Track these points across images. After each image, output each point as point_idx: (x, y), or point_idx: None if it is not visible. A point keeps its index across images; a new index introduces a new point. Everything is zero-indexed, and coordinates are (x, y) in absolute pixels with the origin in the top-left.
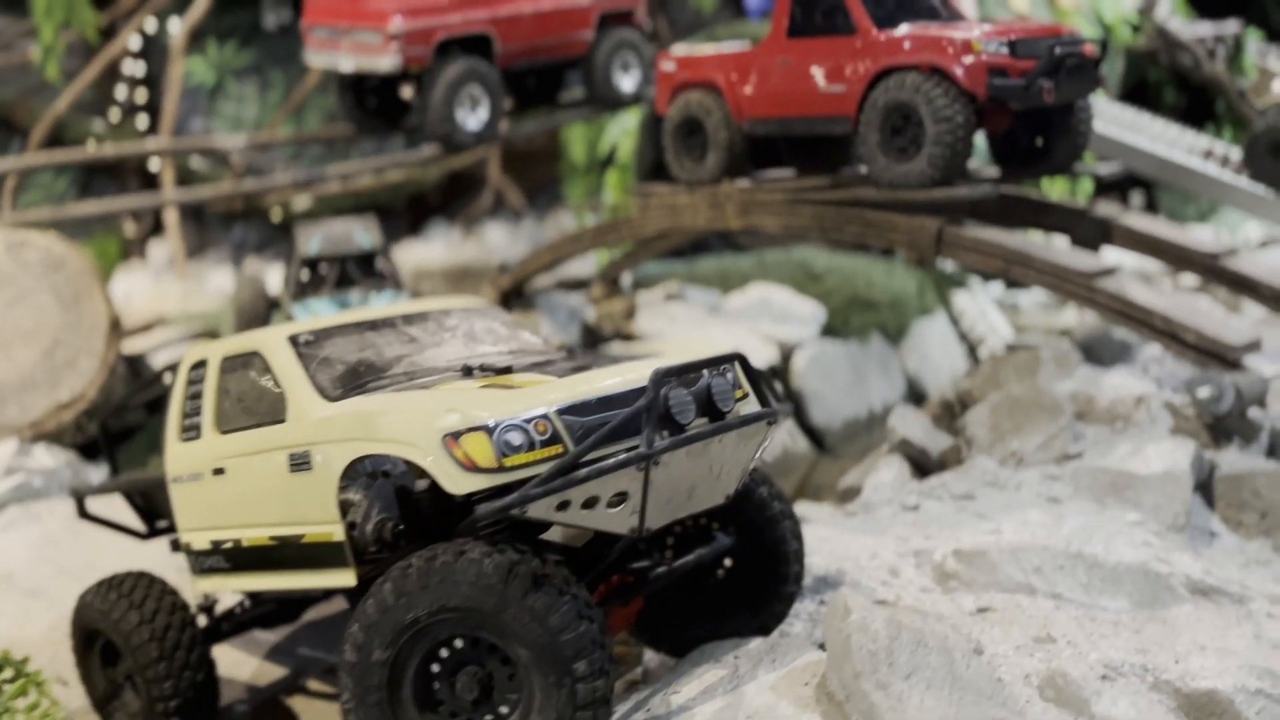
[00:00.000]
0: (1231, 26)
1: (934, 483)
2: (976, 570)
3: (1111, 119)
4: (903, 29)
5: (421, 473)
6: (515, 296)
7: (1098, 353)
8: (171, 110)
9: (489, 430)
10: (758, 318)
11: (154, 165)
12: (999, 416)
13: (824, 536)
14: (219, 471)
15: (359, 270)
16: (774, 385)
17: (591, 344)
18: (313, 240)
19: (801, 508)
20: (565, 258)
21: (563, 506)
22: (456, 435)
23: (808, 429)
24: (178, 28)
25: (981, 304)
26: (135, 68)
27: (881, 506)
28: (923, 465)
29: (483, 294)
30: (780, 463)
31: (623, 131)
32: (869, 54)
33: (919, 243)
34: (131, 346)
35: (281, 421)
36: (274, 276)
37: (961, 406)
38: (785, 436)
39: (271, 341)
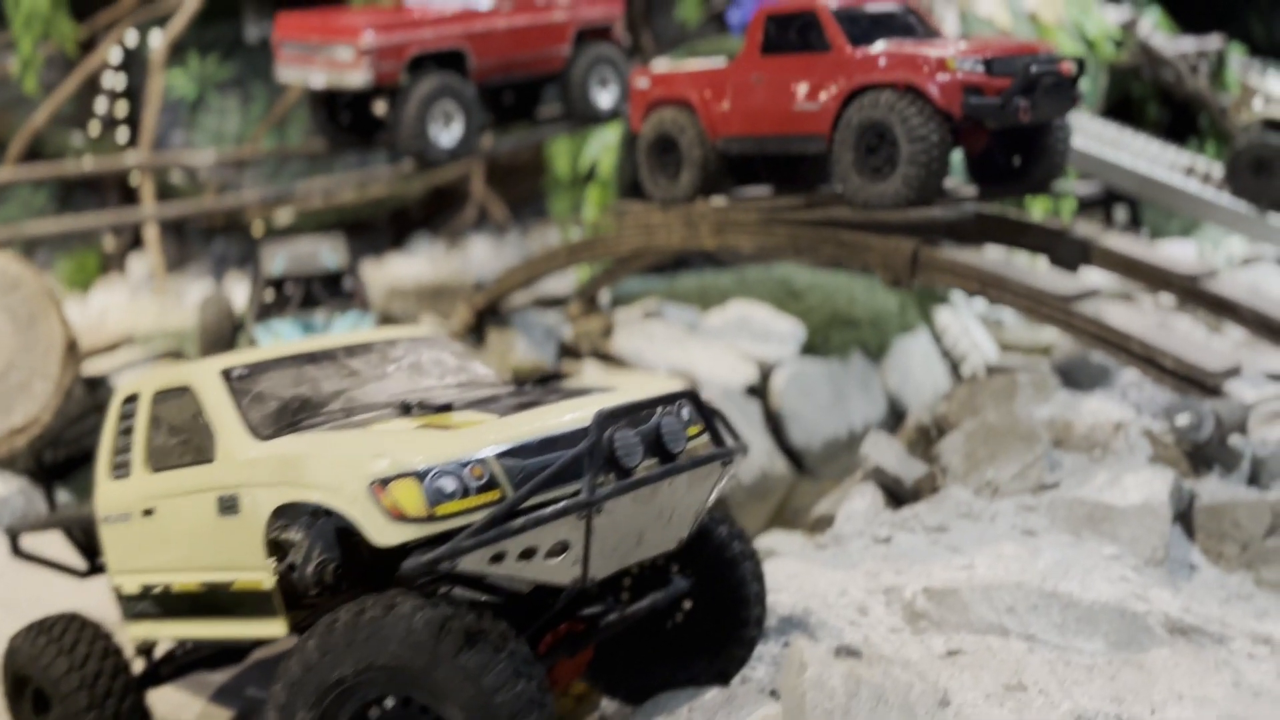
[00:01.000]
0: (1214, 42)
1: (907, 514)
2: (947, 610)
3: (1094, 135)
4: (877, 46)
5: None
6: (491, 315)
7: (1076, 376)
8: (151, 124)
9: (419, 476)
10: (737, 336)
11: (134, 179)
12: (974, 444)
13: (793, 572)
14: (149, 512)
15: (325, 291)
16: (730, 423)
17: (571, 357)
18: (277, 260)
19: (771, 539)
20: (540, 276)
21: (497, 559)
22: (384, 482)
23: (786, 449)
24: (159, 41)
25: (964, 320)
26: (116, 81)
27: (853, 539)
28: (896, 494)
29: (458, 312)
30: (758, 485)
31: (603, 147)
32: (843, 72)
33: (894, 264)
34: (95, 367)
35: (210, 461)
36: (242, 295)
37: (938, 430)
38: (763, 458)
39: (203, 376)
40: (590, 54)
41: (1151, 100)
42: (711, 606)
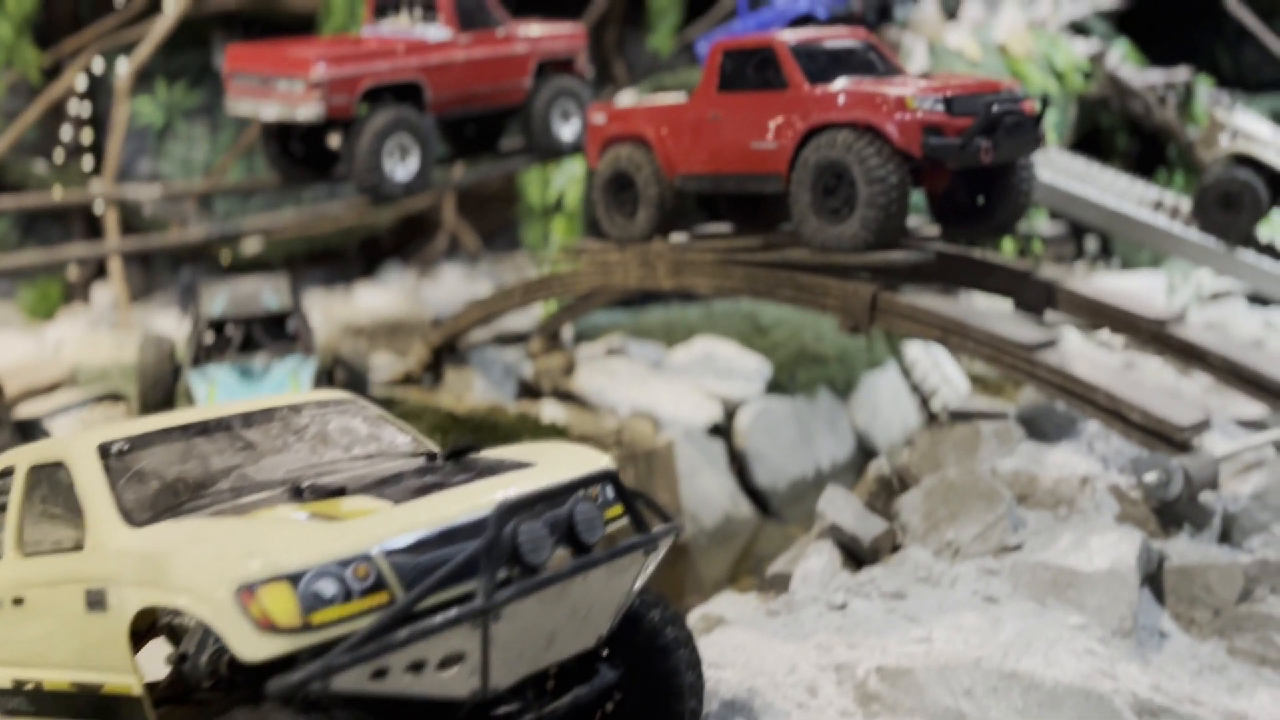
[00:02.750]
0: (1182, 74)
1: (864, 578)
2: (902, 692)
3: (1061, 169)
4: (836, 84)
5: None
6: (449, 352)
7: (1041, 425)
8: (115, 152)
9: (293, 579)
10: (701, 373)
11: (98, 208)
12: (934, 503)
13: (741, 644)
14: (19, 601)
15: (267, 334)
16: (655, 503)
17: (531, 398)
18: (217, 300)
19: (723, 603)
20: (497, 314)
21: (380, 675)
22: (253, 587)
23: (751, 491)
24: (125, 68)
25: (934, 354)
26: (81, 108)
27: (807, 605)
28: (854, 552)
29: (414, 350)
30: (721, 529)
31: (570, 179)
32: (800, 110)
33: (853, 309)
34: (30, 410)
35: (81, 549)
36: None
37: (900, 481)
38: (726, 501)
39: (77, 451)
40: (552, 86)
41: (1121, 131)
42: (643, 700)
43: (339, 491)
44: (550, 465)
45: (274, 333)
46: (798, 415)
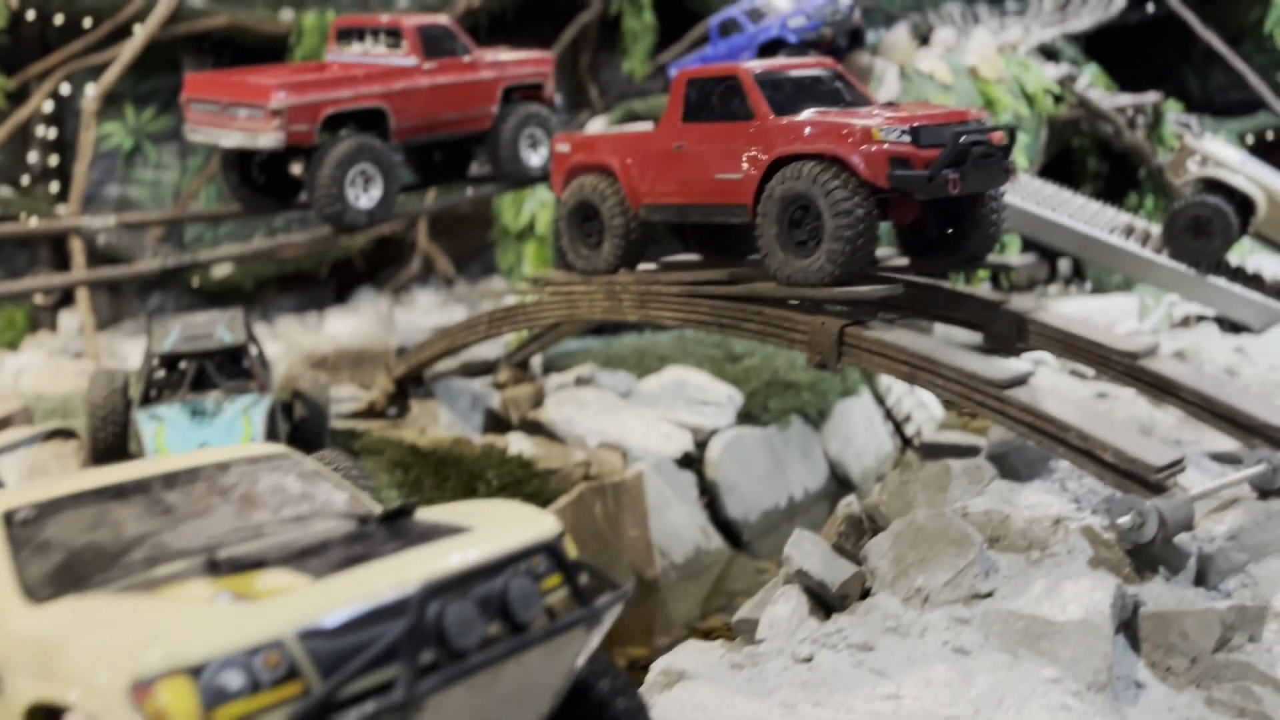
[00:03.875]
0: (1151, 97)
1: (830, 628)
2: None
3: (1032, 195)
4: (802, 115)
5: None
6: (415, 383)
7: (1012, 464)
8: (81, 177)
9: (194, 672)
10: (672, 403)
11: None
12: (903, 548)
13: (701, 702)
14: None
15: (221, 371)
16: (599, 570)
17: (498, 429)
18: (168, 336)
19: (686, 654)
20: (461, 347)
21: None
22: (148, 683)
23: (722, 524)
24: (93, 92)
25: None
26: (48, 132)
27: (772, 657)
28: (822, 598)
29: (378, 382)
30: (691, 563)
31: (540, 203)
32: (764, 141)
33: (820, 344)
34: None
35: None
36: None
37: (870, 521)
38: (697, 534)
39: None
40: (519, 113)
41: (1092, 153)
42: None
43: (258, 564)
44: (488, 531)
45: (229, 369)
46: (770, 444)
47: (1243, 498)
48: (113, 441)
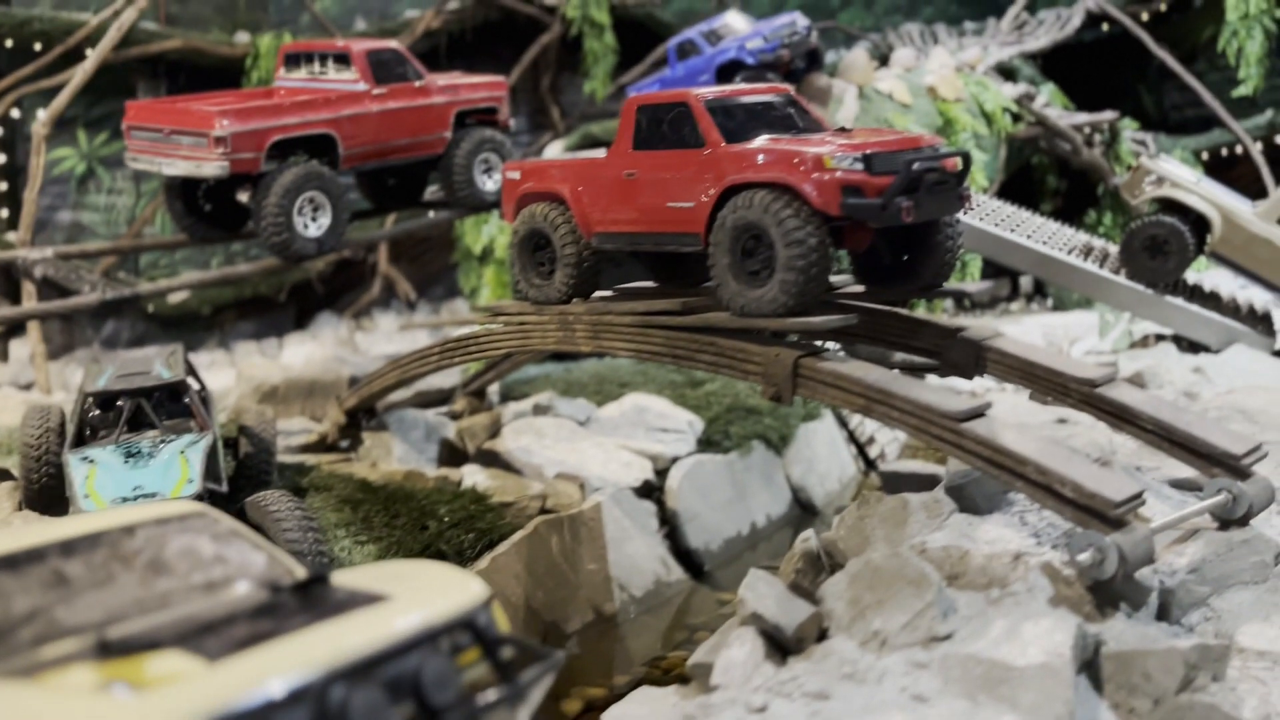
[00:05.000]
0: (1107, 116)
1: (785, 675)
2: None
3: (991, 215)
4: (754, 142)
5: None
6: (367, 415)
7: (971, 497)
8: (31, 203)
9: None
10: (632, 430)
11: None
12: (859, 589)
13: None
14: None
15: (159, 409)
16: (527, 643)
17: (454, 461)
18: (102, 374)
19: (636, 704)
20: (413, 378)
21: None
22: None
23: (683, 554)
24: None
25: None
26: None
27: (725, 708)
28: (778, 641)
29: (329, 415)
30: (651, 597)
31: (499, 228)
32: (715, 169)
33: (775, 376)
34: None
35: None
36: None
37: (828, 558)
38: (657, 566)
39: None
40: (473, 138)
41: (1050, 171)
42: None
43: (152, 645)
44: (407, 600)
45: (169, 407)
46: (731, 471)
47: (1204, 528)
48: (48, 483)
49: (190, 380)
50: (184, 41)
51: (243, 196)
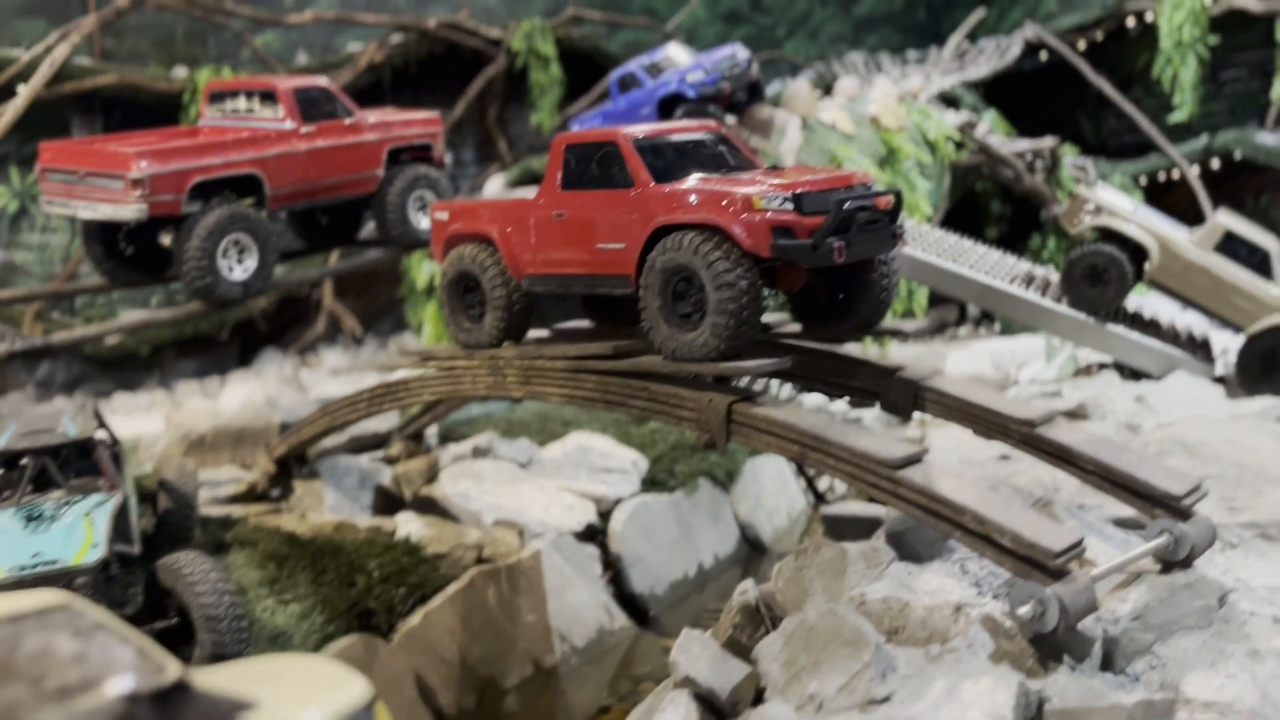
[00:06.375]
0: (1048, 142)
1: None
2: None
3: (933, 245)
4: (684, 183)
5: None
6: (298, 462)
7: (911, 544)
8: None
9: None
10: (575, 471)
11: None
12: (795, 649)
13: None
14: None
15: (68, 467)
16: None
17: (389, 509)
18: (5, 431)
19: None
20: (342, 425)
21: None
22: None
23: (626, 599)
24: None
25: None
26: None
27: None
28: (713, 705)
29: (259, 462)
30: (593, 646)
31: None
32: (644, 209)
33: (708, 422)
34: None
35: None
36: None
37: (768, 610)
38: (600, 614)
39: None
40: (407, 175)
41: (994, 197)
42: None
43: None
44: (278, 706)
45: (77, 465)
46: (677, 511)
47: (1147, 570)
48: None
49: (101, 434)
50: (119, 77)
51: (165, 239)
